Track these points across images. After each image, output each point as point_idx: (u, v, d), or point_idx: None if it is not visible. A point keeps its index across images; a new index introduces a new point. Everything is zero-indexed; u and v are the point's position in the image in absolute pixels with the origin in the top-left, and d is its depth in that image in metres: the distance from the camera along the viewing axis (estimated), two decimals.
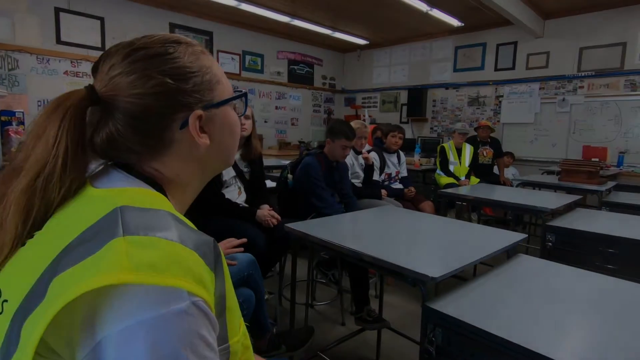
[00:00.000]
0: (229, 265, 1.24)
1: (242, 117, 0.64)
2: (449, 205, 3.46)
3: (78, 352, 0.37)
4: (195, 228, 0.48)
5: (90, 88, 0.50)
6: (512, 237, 1.48)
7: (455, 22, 5.54)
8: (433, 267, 1.13)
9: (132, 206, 0.44)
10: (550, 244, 1.96)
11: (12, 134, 3.80)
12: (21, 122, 4.14)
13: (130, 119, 0.50)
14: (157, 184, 0.53)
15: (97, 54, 4.83)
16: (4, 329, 0.40)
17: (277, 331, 1.65)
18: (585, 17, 4.96)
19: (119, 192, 0.48)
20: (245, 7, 5.02)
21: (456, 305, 1.05)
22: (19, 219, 0.46)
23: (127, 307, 0.37)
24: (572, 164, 3.22)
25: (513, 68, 5.65)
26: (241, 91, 0.63)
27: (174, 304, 0.38)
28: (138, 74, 0.50)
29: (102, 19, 4.86)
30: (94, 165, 0.53)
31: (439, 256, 1.29)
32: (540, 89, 5.41)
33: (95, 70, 0.54)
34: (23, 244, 0.46)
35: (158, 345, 0.36)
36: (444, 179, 4.16)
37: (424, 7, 4.84)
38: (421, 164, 4.78)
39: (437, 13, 5.15)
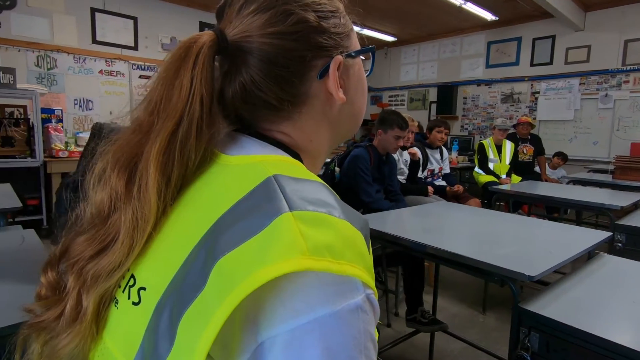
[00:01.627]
0: None
1: None
2: (488, 205, 3.32)
3: (237, 356, 0.30)
4: None
5: (219, 31, 0.41)
6: (596, 235, 1.36)
7: (489, 16, 5.36)
8: (522, 265, 1.03)
9: (286, 175, 0.36)
10: (620, 244, 1.82)
11: (51, 132, 3.88)
12: (60, 120, 4.24)
13: (267, 64, 0.41)
14: (294, 152, 0.44)
15: (130, 53, 4.90)
16: (144, 321, 0.33)
17: None
18: (631, 8, 4.71)
19: (260, 159, 0.40)
20: None
21: (553, 308, 0.95)
22: (161, 186, 0.37)
23: (301, 299, 0.29)
24: (627, 161, 3.02)
25: (550, 63, 5.42)
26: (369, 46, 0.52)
27: (350, 298, 0.30)
28: (276, 9, 0.41)
29: (135, 19, 4.92)
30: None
31: (525, 254, 1.18)
32: (580, 84, 5.17)
33: (220, 13, 0.45)
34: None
35: (333, 350, 0.29)
36: (484, 177, 4.00)
37: (457, 0, 4.69)
38: (458, 162, 4.63)
39: (470, 7, 4.99)
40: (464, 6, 4.92)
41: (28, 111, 4.00)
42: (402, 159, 2.94)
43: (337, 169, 2.34)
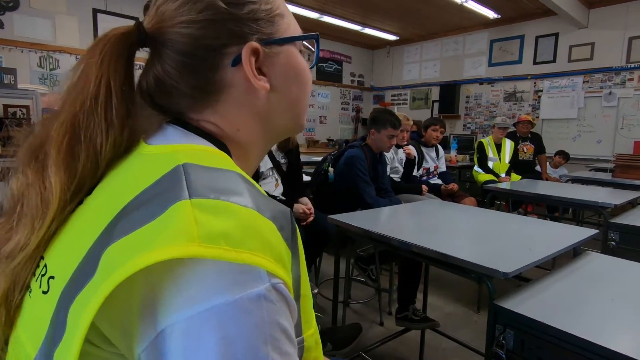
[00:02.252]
0: None
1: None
2: (489, 203, 3.29)
3: (136, 344, 0.30)
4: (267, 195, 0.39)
5: (138, 23, 0.42)
6: (581, 232, 1.35)
7: (491, 14, 5.32)
8: (499, 262, 1.02)
9: (196, 164, 0.36)
10: (613, 243, 1.79)
11: None
12: None
13: (177, 54, 0.42)
14: (220, 142, 0.44)
15: None
16: (50, 310, 0.33)
17: (322, 328, 1.57)
18: (635, 4, 4.64)
19: (178, 148, 0.40)
20: None
21: (530, 305, 0.94)
22: (64, 168, 0.38)
23: (197, 288, 0.29)
24: (627, 159, 2.98)
25: (554, 61, 5.36)
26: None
27: (251, 287, 0.30)
28: None
29: (137, 19, 4.93)
30: (147, 123, 0.45)
31: (504, 251, 1.17)
32: (584, 82, 5.10)
33: (146, 8, 0.46)
34: (72, 211, 0.39)
35: (231, 340, 0.28)
36: (483, 176, 3.97)
37: None
38: (457, 161, 4.60)
39: (472, 5, 4.96)
40: (465, 4, 4.89)
41: (31, 110, 4.05)
42: (397, 157, 2.92)
43: (330, 169, 2.33)
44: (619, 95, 4.82)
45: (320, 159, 2.54)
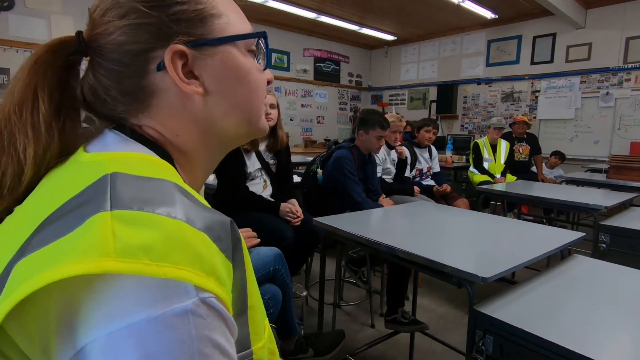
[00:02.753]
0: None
1: (266, 98, 0.52)
2: (483, 204, 3.28)
3: None
4: (209, 206, 0.38)
5: (77, 33, 0.41)
6: (567, 235, 1.33)
7: (488, 14, 5.31)
8: (481, 267, 1.01)
9: (127, 173, 0.35)
10: (604, 245, 1.78)
11: None
12: None
13: (105, 61, 0.41)
14: (162, 150, 0.43)
15: None
16: None
17: (304, 333, 1.56)
18: (632, 4, 4.63)
19: (113, 156, 0.39)
20: (272, 4, 4.99)
21: (510, 310, 0.92)
22: None
23: (115, 304, 0.28)
24: (622, 160, 2.97)
25: (551, 61, 5.35)
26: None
27: (176, 302, 0.28)
28: (109, 4, 0.41)
29: None
30: (88, 130, 0.45)
31: (487, 255, 1.16)
32: (581, 82, 5.09)
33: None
34: (0, 220, 0.38)
35: (153, 357, 0.27)
36: (478, 177, 3.96)
37: None
38: (453, 161, 4.58)
39: (469, 5, 4.94)
40: (462, 4, 4.87)
41: None
42: (390, 158, 2.91)
43: (319, 170, 2.32)
44: (616, 95, 4.81)
45: (312, 158, 2.53)
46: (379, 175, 2.69)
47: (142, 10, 0.40)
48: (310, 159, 4.34)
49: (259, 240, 1.37)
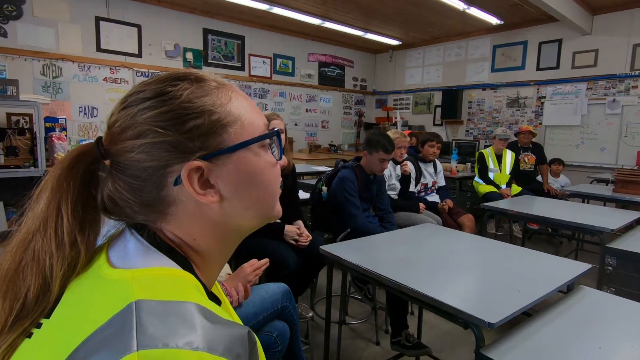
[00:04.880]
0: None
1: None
2: (489, 216, 3.27)
3: None
4: (226, 316, 0.40)
5: (97, 140, 0.43)
6: (574, 268, 1.34)
7: (494, 20, 5.28)
8: (488, 308, 1.01)
9: (150, 300, 0.37)
10: (610, 268, 1.78)
11: (55, 140, 3.95)
12: (64, 129, 4.31)
13: (125, 175, 0.43)
14: (181, 256, 0.45)
15: (134, 60, 4.97)
16: None
17: None
18: (639, 11, 4.58)
19: (136, 275, 0.40)
20: (276, 10, 5.00)
21: (516, 354, 0.93)
22: (3, 294, 0.39)
23: None
24: (628, 174, 2.95)
25: (557, 67, 5.32)
26: (272, 130, 0.50)
27: None
28: (127, 123, 0.43)
29: (139, 27, 4.98)
30: (108, 227, 0.46)
31: (493, 293, 1.17)
32: (587, 89, 5.06)
33: None
34: (29, 335, 0.40)
35: None
36: (484, 187, 3.95)
37: (461, 5, 4.63)
38: (458, 171, 4.58)
39: (474, 11, 4.92)
40: (467, 11, 4.86)
41: (34, 119, 4.08)
42: (395, 173, 2.91)
43: (324, 188, 2.34)
44: (623, 102, 4.78)
45: (320, 167, 2.53)
46: None
47: (158, 131, 0.42)
48: (315, 167, 4.37)
49: (266, 265, 1.39)
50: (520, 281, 1.24)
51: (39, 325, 0.40)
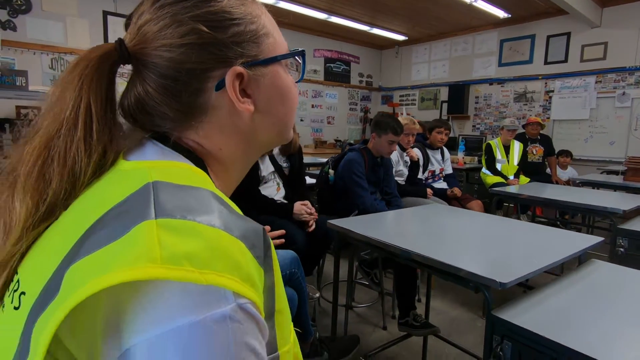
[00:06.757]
0: None
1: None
2: (496, 206, 3.24)
3: None
4: (241, 213, 0.39)
5: (119, 41, 0.42)
6: (585, 240, 1.32)
7: (501, 14, 5.25)
8: (498, 272, 1.00)
9: (167, 182, 0.36)
10: (622, 249, 1.75)
11: None
12: None
13: (158, 77, 0.41)
14: (198, 159, 0.44)
15: None
16: (20, 326, 0.33)
17: (319, 336, 1.56)
18: None
19: (152, 165, 0.40)
20: (282, 4, 5.01)
21: (529, 316, 0.92)
22: (31, 194, 0.38)
23: (160, 308, 0.29)
24: (639, 162, 2.91)
25: (565, 61, 5.27)
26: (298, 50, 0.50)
27: (216, 307, 0.30)
28: (167, 20, 0.41)
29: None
30: (128, 139, 0.45)
31: (503, 259, 1.15)
32: (596, 82, 5.00)
33: (128, 23, 0.45)
34: (48, 226, 0.39)
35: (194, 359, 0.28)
36: (491, 178, 3.92)
37: None
38: (465, 162, 4.54)
39: (481, 4, 4.89)
40: (474, 4, 4.83)
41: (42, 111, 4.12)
42: (403, 160, 2.90)
43: (331, 171, 2.33)
44: (633, 95, 4.72)
45: (326, 160, 2.54)
46: None
47: (204, 31, 0.41)
48: (321, 159, 4.36)
49: (282, 240, 1.38)
50: (531, 250, 1.22)
51: (56, 218, 0.39)
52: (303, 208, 1.92)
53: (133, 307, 0.29)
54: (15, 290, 0.37)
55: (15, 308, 0.35)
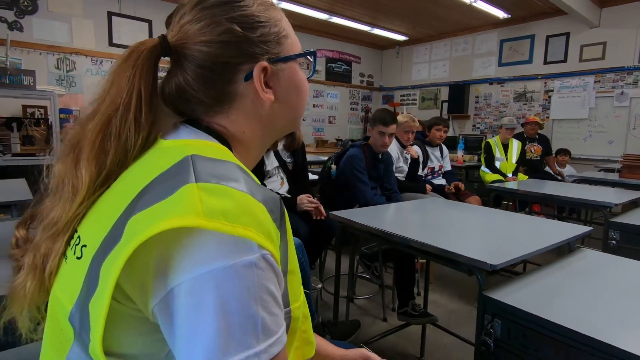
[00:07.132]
0: None
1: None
2: (495, 203, 3.30)
3: (150, 300, 0.37)
4: (260, 184, 0.47)
5: (162, 37, 0.50)
6: (574, 229, 1.38)
7: (501, 14, 5.31)
8: (490, 256, 1.06)
9: (202, 155, 0.44)
10: (613, 242, 1.81)
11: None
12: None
13: (198, 68, 0.50)
14: (224, 139, 0.52)
15: None
16: (83, 272, 0.41)
17: (323, 320, 1.63)
18: None
19: (187, 142, 0.48)
20: (284, 5, 5.07)
21: (517, 296, 0.98)
22: (94, 163, 0.46)
23: (200, 253, 0.36)
24: (635, 159, 2.96)
25: (565, 61, 5.32)
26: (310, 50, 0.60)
27: (245, 255, 0.37)
28: (207, 21, 0.49)
29: (149, 22, 5.09)
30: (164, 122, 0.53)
31: (496, 246, 1.21)
32: (595, 82, 5.05)
33: (168, 22, 0.54)
34: (101, 194, 0.47)
35: (227, 298, 0.35)
36: (490, 176, 3.98)
37: None
38: (464, 160, 4.60)
39: (481, 5, 4.95)
40: (474, 4, 4.89)
41: (48, 111, 4.20)
42: (403, 157, 2.96)
43: (333, 166, 2.39)
44: (631, 95, 4.77)
45: (328, 156, 2.62)
46: None
47: (237, 31, 0.50)
48: (322, 157, 4.42)
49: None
50: (523, 238, 1.28)
51: (108, 187, 0.47)
52: (305, 197, 1.99)
53: (178, 252, 0.36)
54: (77, 244, 0.44)
55: (78, 258, 0.43)
